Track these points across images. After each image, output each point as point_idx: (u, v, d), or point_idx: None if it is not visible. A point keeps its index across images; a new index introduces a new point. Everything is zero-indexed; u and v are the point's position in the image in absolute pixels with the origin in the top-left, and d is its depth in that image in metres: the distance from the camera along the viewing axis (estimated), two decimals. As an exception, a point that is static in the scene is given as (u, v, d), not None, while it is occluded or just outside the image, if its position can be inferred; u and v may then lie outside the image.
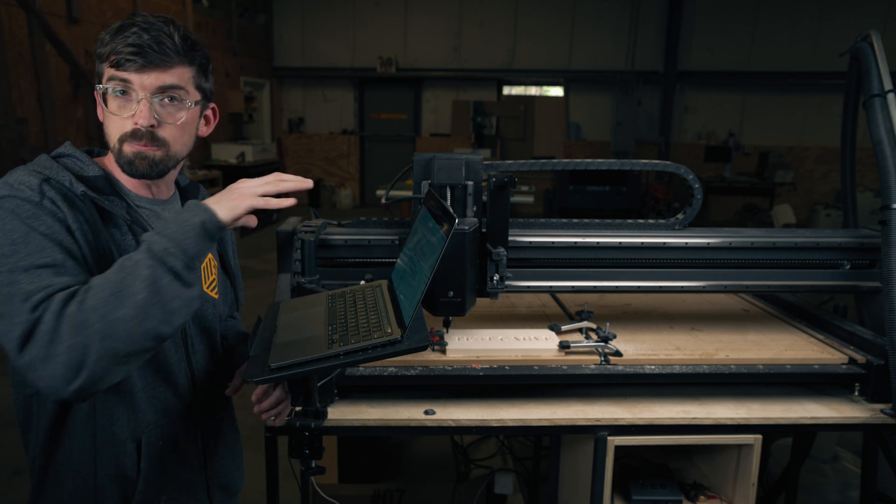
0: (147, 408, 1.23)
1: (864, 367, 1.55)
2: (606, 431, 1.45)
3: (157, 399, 1.25)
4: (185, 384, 1.29)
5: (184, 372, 1.29)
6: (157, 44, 1.13)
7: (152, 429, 1.25)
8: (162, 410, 1.26)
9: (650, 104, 11.09)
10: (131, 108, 1.15)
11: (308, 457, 1.38)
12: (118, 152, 1.18)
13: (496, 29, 11.12)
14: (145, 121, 1.15)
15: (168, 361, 1.26)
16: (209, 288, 1.36)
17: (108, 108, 1.17)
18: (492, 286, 1.55)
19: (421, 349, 1.09)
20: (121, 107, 1.16)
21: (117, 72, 1.14)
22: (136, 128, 1.15)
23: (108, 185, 1.19)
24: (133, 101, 1.15)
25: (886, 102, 1.60)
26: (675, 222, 1.71)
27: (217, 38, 9.43)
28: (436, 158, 1.54)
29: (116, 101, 1.16)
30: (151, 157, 1.18)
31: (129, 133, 1.16)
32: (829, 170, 10.79)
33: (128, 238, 1.19)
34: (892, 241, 1.50)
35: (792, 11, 10.43)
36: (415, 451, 2.83)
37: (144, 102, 1.15)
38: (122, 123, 1.16)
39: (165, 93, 1.17)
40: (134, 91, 1.15)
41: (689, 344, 1.65)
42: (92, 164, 1.20)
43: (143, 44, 1.12)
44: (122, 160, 1.18)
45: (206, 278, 1.36)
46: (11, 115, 5.31)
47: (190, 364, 1.30)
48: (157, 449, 1.26)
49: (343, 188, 11.71)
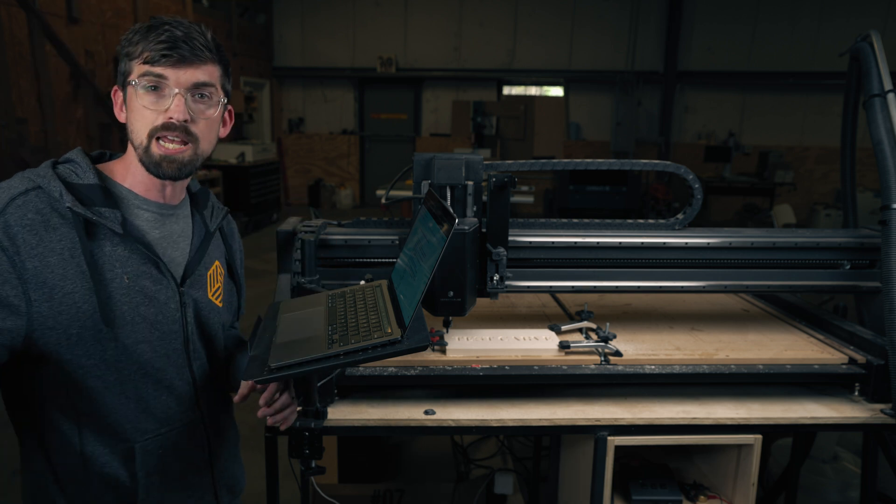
0: (144, 418, 1.22)
1: (864, 367, 1.55)
2: (606, 431, 1.45)
3: (156, 409, 1.23)
4: (187, 391, 1.28)
5: (186, 380, 1.28)
6: (189, 40, 1.14)
7: (150, 437, 1.23)
8: (163, 419, 1.24)
9: (650, 104, 11.09)
10: (164, 104, 1.14)
11: (308, 457, 1.38)
12: (145, 150, 1.16)
13: (496, 29, 11.12)
14: (181, 114, 1.14)
15: (167, 373, 1.24)
16: (213, 296, 1.34)
17: (140, 101, 1.14)
18: (492, 286, 1.55)
19: (421, 349, 1.09)
20: (154, 101, 1.15)
21: (152, 67, 1.13)
22: (169, 121, 1.14)
23: (100, 195, 1.16)
24: (166, 97, 1.14)
25: (886, 102, 1.60)
26: (675, 222, 1.71)
27: (217, 38, 9.42)
28: (436, 158, 1.54)
29: (149, 95, 1.14)
30: (180, 160, 1.17)
31: (160, 126, 1.14)
32: (829, 170, 10.79)
33: (118, 250, 1.16)
34: (892, 241, 1.50)
35: (792, 11, 10.43)
36: (415, 451, 2.83)
37: (179, 97, 1.14)
38: (152, 118, 1.15)
39: (198, 89, 1.17)
40: (168, 87, 1.14)
41: (689, 344, 1.65)
42: (89, 172, 1.17)
43: (178, 39, 1.13)
44: (148, 160, 1.16)
45: (211, 285, 1.34)
46: (11, 115, 5.30)
47: (192, 371, 1.28)
48: (155, 457, 1.24)
49: (343, 188, 11.71)
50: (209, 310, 1.32)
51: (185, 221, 1.31)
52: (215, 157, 9.07)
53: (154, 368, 1.21)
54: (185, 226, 1.31)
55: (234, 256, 1.46)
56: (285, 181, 11.64)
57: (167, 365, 1.23)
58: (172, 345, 1.24)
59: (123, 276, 1.16)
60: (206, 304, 1.31)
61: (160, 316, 1.21)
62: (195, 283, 1.29)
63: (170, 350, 1.23)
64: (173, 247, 1.27)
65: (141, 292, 1.18)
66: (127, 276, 1.16)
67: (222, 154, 9.11)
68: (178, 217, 1.29)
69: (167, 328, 1.22)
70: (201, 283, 1.31)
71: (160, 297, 1.21)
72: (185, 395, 1.28)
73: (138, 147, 1.17)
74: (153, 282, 1.20)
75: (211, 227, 1.35)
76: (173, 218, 1.28)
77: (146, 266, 1.19)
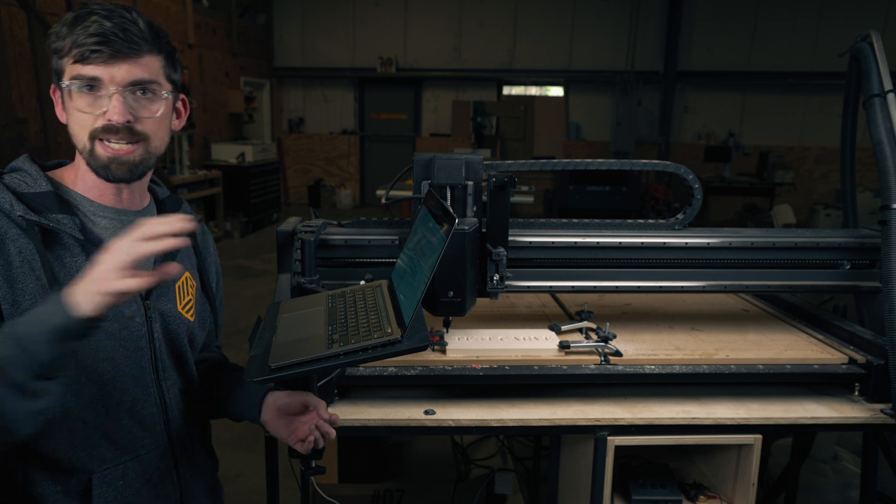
0: (104, 445, 1.11)
1: (864, 367, 1.55)
2: (606, 431, 1.45)
3: (117, 435, 1.13)
4: (155, 414, 1.18)
5: (152, 401, 1.17)
6: (122, 31, 1.04)
7: (109, 467, 1.12)
8: (125, 447, 1.14)
9: (650, 104, 11.09)
10: (102, 105, 1.05)
11: (308, 457, 1.38)
12: (90, 153, 1.07)
13: (496, 29, 11.13)
14: (121, 116, 1.05)
15: (131, 394, 1.14)
16: (184, 309, 1.24)
17: (75, 104, 1.05)
18: (492, 286, 1.55)
19: (421, 349, 1.09)
20: (90, 104, 1.05)
21: (82, 66, 1.03)
22: (108, 124, 1.05)
23: (54, 202, 1.07)
24: (103, 97, 1.05)
25: (886, 102, 1.60)
26: (675, 222, 1.71)
27: (217, 38, 9.43)
28: (436, 158, 1.54)
29: (84, 97, 1.05)
30: (130, 161, 1.09)
31: (100, 128, 1.06)
32: (829, 170, 10.79)
33: (80, 259, 1.07)
34: (892, 241, 1.50)
35: (792, 11, 10.44)
36: (415, 451, 2.83)
37: (117, 97, 1.04)
38: (91, 120, 1.06)
39: (138, 86, 1.07)
40: (103, 87, 1.05)
41: (689, 344, 1.65)
42: (40, 179, 1.09)
43: (108, 32, 1.02)
44: (95, 163, 1.08)
45: (181, 298, 1.24)
46: (11, 115, 5.30)
47: (161, 392, 1.19)
48: (115, 489, 1.13)
49: (343, 188, 11.71)
50: (179, 323, 1.22)
51: None
52: (215, 157, 9.08)
53: (116, 389, 1.12)
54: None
55: (208, 270, 1.36)
56: (285, 181, 11.64)
57: (132, 385, 1.14)
58: (139, 363, 1.15)
59: None
60: (174, 317, 1.21)
61: (125, 332, 1.12)
62: (162, 295, 1.20)
63: (135, 368, 1.14)
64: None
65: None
66: None
67: (222, 154, 9.12)
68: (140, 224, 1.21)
69: (133, 344, 1.14)
70: (169, 296, 1.21)
71: (124, 310, 1.12)
72: (152, 418, 1.17)
73: (82, 151, 1.09)
74: None
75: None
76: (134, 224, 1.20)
77: None
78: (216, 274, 1.41)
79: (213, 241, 1.43)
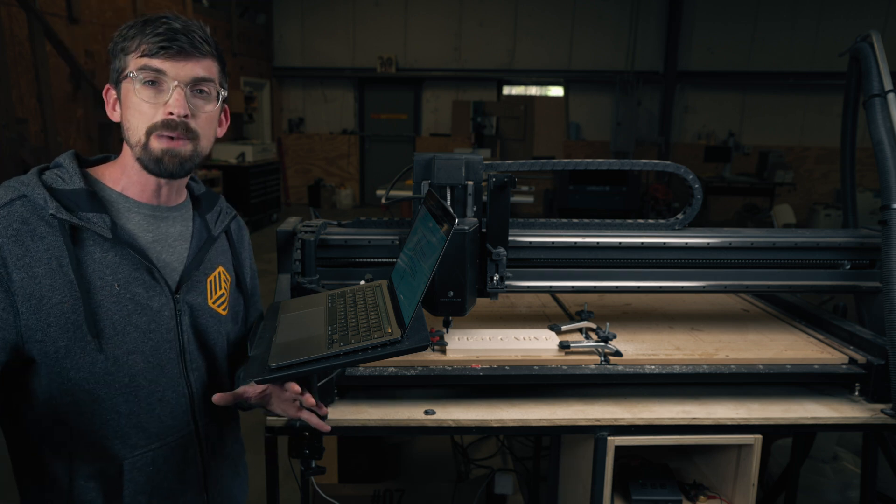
0: (134, 433, 1.16)
1: (864, 367, 1.55)
2: (606, 431, 1.45)
3: (147, 423, 1.17)
4: (182, 404, 1.22)
5: (180, 392, 1.21)
6: (189, 33, 1.11)
7: (140, 453, 1.17)
8: (154, 434, 1.19)
9: (650, 104, 11.08)
10: (163, 98, 1.11)
11: (308, 457, 1.38)
12: (144, 147, 1.12)
13: (496, 29, 11.12)
14: (182, 109, 1.11)
15: (160, 384, 1.18)
16: (215, 303, 1.28)
17: (137, 95, 1.10)
18: (492, 286, 1.55)
19: (421, 349, 1.09)
20: (152, 96, 1.11)
21: (150, 60, 1.09)
22: (168, 118, 1.10)
23: (87, 200, 1.11)
24: (165, 91, 1.11)
25: (886, 102, 1.60)
26: (675, 222, 1.71)
27: (217, 38, 9.28)
28: (436, 158, 1.54)
29: (146, 90, 1.10)
30: (182, 155, 1.13)
31: (160, 123, 1.11)
32: (829, 170, 10.79)
33: (110, 255, 1.11)
34: (892, 241, 1.50)
35: (792, 11, 10.43)
36: (415, 451, 2.83)
37: (179, 91, 1.11)
38: (151, 114, 1.11)
39: (198, 84, 1.13)
40: (166, 81, 1.10)
41: (689, 344, 1.65)
42: (75, 176, 1.13)
43: (177, 32, 1.10)
44: (148, 157, 1.12)
45: (213, 292, 1.28)
46: (11, 115, 5.30)
47: (188, 382, 1.22)
48: (144, 475, 1.18)
49: (343, 188, 11.71)
50: (209, 317, 1.26)
51: (183, 224, 1.25)
52: (215, 157, 9.07)
53: (146, 380, 1.16)
54: (182, 228, 1.25)
55: (243, 264, 1.40)
56: (285, 181, 11.64)
57: (160, 376, 1.18)
58: (167, 355, 1.18)
59: (114, 284, 1.11)
60: (205, 311, 1.25)
61: (153, 325, 1.16)
62: (192, 289, 1.23)
63: (164, 360, 1.18)
64: (168, 251, 1.21)
65: (132, 300, 1.13)
66: (117, 283, 1.12)
67: (222, 154, 9.12)
68: (175, 219, 1.24)
69: (161, 337, 1.17)
70: (200, 289, 1.25)
71: (153, 304, 1.16)
72: (180, 408, 1.22)
73: (136, 145, 1.13)
74: (145, 288, 1.15)
75: (214, 231, 1.29)
76: (168, 220, 1.22)
77: (138, 272, 1.14)
78: (251, 269, 1.45)
79: (248, 236, 1.46)
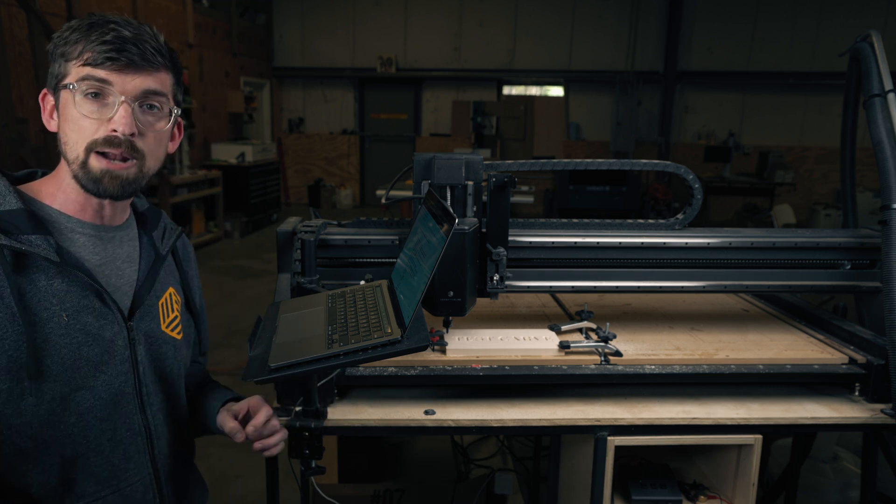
0: (83, 479, 1.05)
1: (864, 367, 1.55)
2: (606, 431, 1.45)
3: (97, 466, 1.06)
4: (139, 444, 1.12)
5: (136, 430, 1.11)
6: (140, 43, 1.01)
7: (89, 501, 1.06)
8: (105, 480, 1.07)
9: (650, 104, 11.09)
10: (107, 113, 1.01)
11: (308, 457, 1.38)
12: (82, 165, 1.02)
13: (496, 29, 11.13)
14: (127, 127, 1.01)
15: (112, 423, 1.07)
16: (169, 328, 1.19)
17: (78, 108, 1.00)
18: (492, 286, 1.55)
19: (421, 349, 1.09)
20: (95, 110, 1.01)
21: (94, 70, 0.99)
22: (112, 135, 1.01)
23: (26, 221, 1.00)
24: (110, 106, 1.01)
25: (886, 102, 1.60)
26: (675, 222, 1.71)
27: (217, 38, 9.43)
28: (436, 158, 1.54)
29: (88, 103, 1.00)
30: (124, 177, 1.03)
31: (101, 140, 1.01)
32: (829, 170, 10.79)
33: (56, 282, 1.01)
34: (892, 241, 1.50)
35: (792, 11, 10.44)
36: (415, 451, 2.83)
37: (125, 107, 1.01)
38: (92, 129, 1.01)
39: (147, 99, 1.04)
40: (112, 94, 1.01)
41: (689, 344, 1.65)
42: (9, 196, 1.01)
43: (127, 41, 1.00)
44: (86, 176, 1.02)
45: (165, 316, 1.18)
46: (11, 115, 5.30)
47: (145, 419, 1.12)
48: None
49: (343, 188, 11.71)
50: (164, 344, 1.17)
51: (130, 244, 1.16)
52: (215, 158, 9.08)
53: (97, 419, 1.05)
54: (130, 249, 1.15)
55: (191, 284, 1.31)
56: (285, 181, 11.64)
57: (113, 413, 1.07)
58: (121, 388, 1.08)
59: (62, 314, 1.00)
60: (159, 337, 1.16)
61: (105, 356, 1.05)
62: (146, 315, 1.13)
63: (117, 395, 1.08)
64: (117, 274, 1.11)
65: (82, 330, 1.02)
66: (65, 313, 1.01)
67: (222, 154, 9.13)
68: (122, 240, 1.14)
69: (114, 370, 1.07)
70: (153, 315, 1.15)
71: (105, 334, 1.05)
72: (135, 448, 1.11)
73: (73, 161, 1.03)
74: (96, 317, 1.04)
75: (162, 250, 1.20)
76: (115, 241, 1.12)
77: (87, 299, 1.04)
78: (197, 288, 1.35)
79: (194, 253, 1.38)
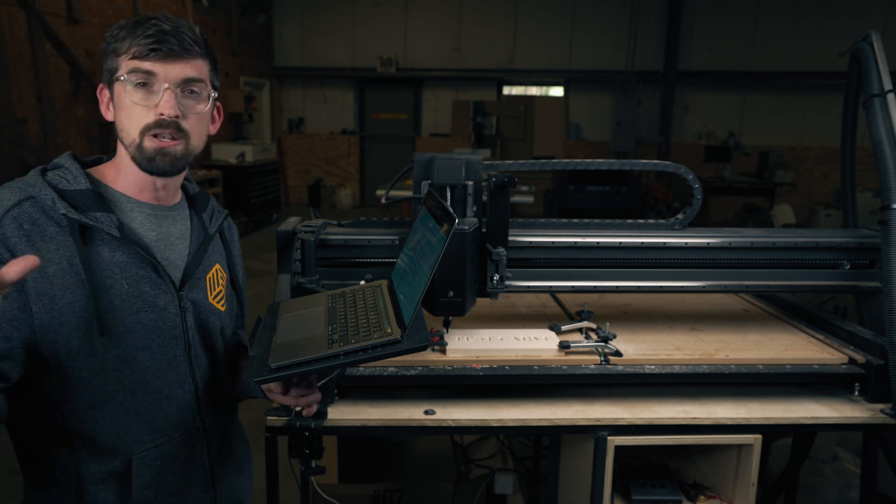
0: (141, 428, 1.19)
1: (864, 367, 1.55)
2: (606, 431, 1.45)
3: (154, 418, 1.20)
4: (188, 400, 1.25)
5: (187, 388, 1.25)
6: (178, 34, 1.13)
7: (147, 449, 1.20)
8: (161, 429, 1.21)
9: (650, 104, 11.08)
10: (154, 99, 1.13)
11: (308, 457, 1.38)
12: (137, 147, 1.15)
13: (496, 29, 11.12)
14: (172, 110, 1.13)
15: (168, 381, 1.21)
16: (215, 299, 1.31)
17: (129, 97, 1.13)
18: (492, 286, 1.55)
19: (421, 349, 1.09)
20: (143, 98, 1.14)
21: (140, 62, 1.12)
22: (160, 118, 1.13)
23: (93, 200, 1.14)
24: (156, 93, 1.13)
25: (886, 102, 1.60)
26: (675, 222, 1.71)
27: (217, 38, 9.42)
28: (436, 158, 1.54)
29: (137, 92, 1.13)
30: (173, 154, 1.16)
31: (152, 123, 1.13)
32: (829, 170, 10.79)
33: (117, 255, 1.14)
34: (892, 241, 1.50)
35: (792, 11, 10.43)
36: (415, 451, 2.83)
37: (169, 92, 1.13)
38: (143, 115, 1.14)
39: (188, 85, 1.16)
40: (157, 82, 1.13)
41: (689, 344, 1.65)
42: (80, 177, 1.16)
43: (167, 34, 1.12)
44: (141, 156, 1.15)
45: (212, 289, 1.31)
46: (11, 115, 5.30)
47: (194, 379, 1.26)
48: (151, 469, 1.21)
49: (343, 188, 11.71)
50: (209, 313, 1.29)
51: (182, 223, 1.29)
52: (215, 157, 9.07)
53: (154, 377, 1.19)
54: (182, 228, 1.29)
55: (235, 263, 1.43)
56: (285, 181, 11.64)
57: (168, 372, 1.21)
58: (174, 351, 1.22)
59: (123, 283, 1.14)
60: (206, 307, 1.28)
61: (160, 322, 1.19)
62: (194, 287, 1.26)
63: (171, 357, 1.21)
64: (171, 249, 1.25)
65: (140, 298, 1.16)
66: (126, 281, 1.14)
67: (222, 154, 9.11)
68: (175, 218, 1.27)
69: (167, 334, 1.20)
70: (200, 287, 1.28)
71: (159, 301, 1.19)
72: (186, 403, 1.25)
73: (130, 145, 1.16)
74: (152, 286, 1.18)
75: (210, 230, 1.33)
76: (169, 219, 1.26)
77: (144, 270, 1.17)
78: (240, 267, 1.47)
79: (238, 235, 1.49)
